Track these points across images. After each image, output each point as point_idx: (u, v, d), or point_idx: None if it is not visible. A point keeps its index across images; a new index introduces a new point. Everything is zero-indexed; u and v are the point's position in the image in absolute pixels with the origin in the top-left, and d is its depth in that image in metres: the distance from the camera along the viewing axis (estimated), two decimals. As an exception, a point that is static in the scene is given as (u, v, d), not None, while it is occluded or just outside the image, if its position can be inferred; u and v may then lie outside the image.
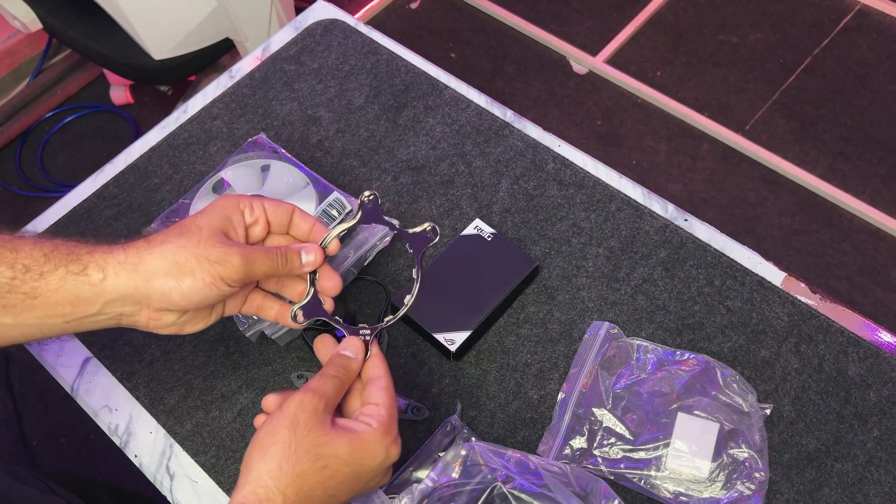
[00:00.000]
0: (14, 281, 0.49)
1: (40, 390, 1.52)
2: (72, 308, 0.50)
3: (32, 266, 0.50)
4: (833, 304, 0.73)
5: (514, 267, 0.73)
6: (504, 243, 0.74)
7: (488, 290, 0.72)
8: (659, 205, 0.79)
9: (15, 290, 0.49)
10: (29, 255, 0.50)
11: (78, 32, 1.54)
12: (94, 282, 0.50)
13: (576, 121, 1.92)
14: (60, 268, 0.50)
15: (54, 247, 0.51)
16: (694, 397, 0.66)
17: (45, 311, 0.50)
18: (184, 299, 0.51)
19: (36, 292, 0.49)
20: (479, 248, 0.74)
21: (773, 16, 2.05)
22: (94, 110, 2.02)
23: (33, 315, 0.50)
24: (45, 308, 0.50)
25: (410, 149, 0.85)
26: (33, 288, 0.49)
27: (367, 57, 0.92)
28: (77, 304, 0.50)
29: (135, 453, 0.69)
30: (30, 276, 0.49)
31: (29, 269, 0.49)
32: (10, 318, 0.49)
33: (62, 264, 0.50)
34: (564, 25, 2.08)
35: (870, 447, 0.65)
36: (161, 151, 0.86)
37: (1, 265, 0.49)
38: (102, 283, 0.50)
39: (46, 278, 0.50)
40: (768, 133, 1.85)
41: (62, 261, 0.50)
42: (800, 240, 1.71)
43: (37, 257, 0.50)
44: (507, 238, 0.76)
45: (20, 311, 0.49)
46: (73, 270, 0.50)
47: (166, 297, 0.51)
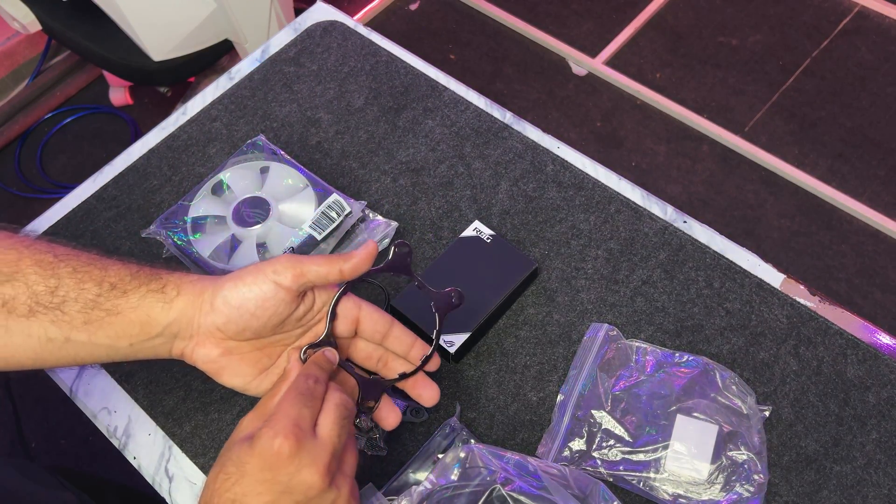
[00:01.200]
0: (99, 298, 0.50)
1: (39, 392, 1.52)
2: (140, 328, 0.51)
3: (118, 284, 0.51)
4: (832, 306, 0.73)
5: (514, 268, 0.73)
6: (503, 245, 0.74)
7: (488, 292, 0.71)
8: (658, 207, 0.79)
9: (99, 306, 0.50)
10: (117, 273, 0.51)
11: (77, 34, 1.54)
12: (167, 299, 0.52)
13: (575, 122, 1.92)
14: (143, 286, 0.52)
15: (139, 267, 0.53)
16: (693, 399, 0.66)
17: (117, 331, 0.51)
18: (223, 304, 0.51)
19: (117, 309, 0.50)
20: (478, 250, 0.74)
21: (773, 18, 2.06)
22: (94, 111, 2.02)
23: (106, 334, 0.50)
24: (120, 327, 0.50)
25: (410, 150, 0.85)
26: (115, 305, 0.50)
27: (366, 59, 0.92)
28: (147, 323, 0.51)
29: (133, 455, 0.69)
30: (114, 294, 0.51)
31: (115, 287, 0.51)
32: (85, 335, 0.50)
33: (145, 283, 0.52)
34: (564, 27, 2.08)
35: (869, 449, 0.65)
36: (160, 153, 0.86)
37: (89, 282, 0.50)
38: (173, 301, 0.52)
39: (129, 296, 0.51)
40: (768, 135, 1.86)
41: (145, 279, 0.52)
42: (799, 241, 1.71)
43: (123, 276, 0.52)
44: (507, 240, 0.76)
45: (97, 328, 0.50)
46: (153, 288, 0.52)
47: (210, 305, 0.52)
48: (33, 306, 0.49)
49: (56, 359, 0.51)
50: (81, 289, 0.50)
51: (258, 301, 0.52)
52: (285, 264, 0.52)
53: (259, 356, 0.55)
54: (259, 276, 0.52)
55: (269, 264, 0.52)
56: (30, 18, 1.54)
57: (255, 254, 0.74)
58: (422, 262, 0.77)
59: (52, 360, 0.51)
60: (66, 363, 0.52)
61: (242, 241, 0.75)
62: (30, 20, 1.54)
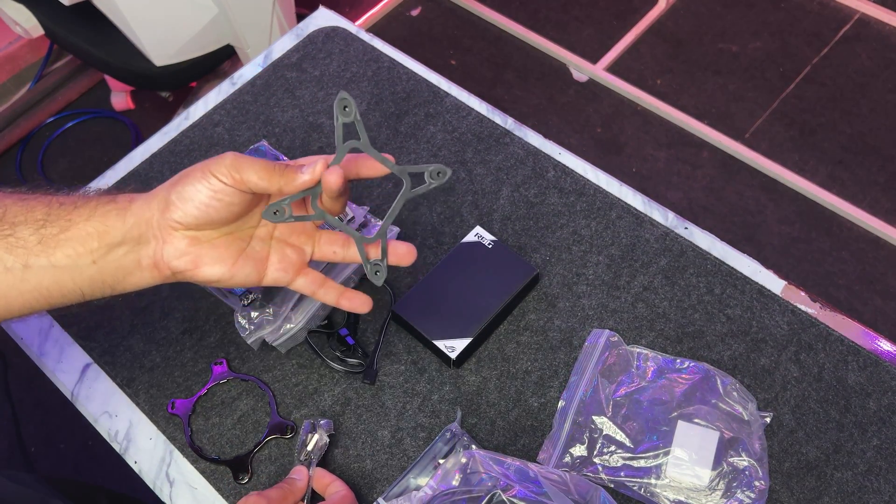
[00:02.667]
0: (49, 216, 0.49)
1: (38, 396, 1.52)
2: (99, 240, 0.50)
3: (66, 202, 0.50)
4: (833, 312, 0.73)
5: (515, 274, 0.73)
6: (504, 251, 0.74)
7: (488, 298, 0.72)
8: (659, 213, 0.80)
9: (50, 223, 0.49)
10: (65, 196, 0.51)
11: (79, 38, 1.54)
12: (120, 206, 0.51)
13: (576, 128, 1.92)
14: (93, 200, 0.51)
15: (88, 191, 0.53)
16: (694, 405, 0.66)
17: (76, 248, 0.50)
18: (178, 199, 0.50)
19: (69, 223, 0.50)
20: (479, 256, 0.74)
21: (773, 24, 2.06)
22: (95, 116, 2.02)
23: (65, 253, 0.49)
24: (77, 242, 0.50)
25: (411, 156, 0.85)
26: (67, 220, 0.50)
27: (368, 64, 0.92)
28: (105, 233, 0.50)
29: (134, 459, 0.69)
30: (64, 210, 0.50)
31: (63, 204, 0.50)
32: (44, 258, 0.49)
33: (94, 198, 0.51)
34: (565, 33, 2.09)
35: (869, 456, 0.65)
36: (162, 158, 0.86)
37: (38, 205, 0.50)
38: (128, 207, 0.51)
39: (80, 209, 0.50)
40: (768, 141, 1.86)
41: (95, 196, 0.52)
42: (799, 248, 1.71)
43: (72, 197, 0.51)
44: (508, 245, 0.76)
45: (53, 247, 0.49)
46: (104, 200, 0.51)
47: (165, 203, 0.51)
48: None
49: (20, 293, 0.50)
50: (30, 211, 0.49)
51: (209, 195, 0.50)
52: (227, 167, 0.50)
53: (230, 240, 0.54)
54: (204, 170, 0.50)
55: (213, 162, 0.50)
56: (32, 23, 1.55)
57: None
58: (423, 267, 0.77)
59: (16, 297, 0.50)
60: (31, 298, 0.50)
61: (244, 246, 0.75)
62: (32, 24, 1.55)
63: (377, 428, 0.68)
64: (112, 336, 0.74)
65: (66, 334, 0.75)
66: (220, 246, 0.53)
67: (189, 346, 0.73)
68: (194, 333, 0.74)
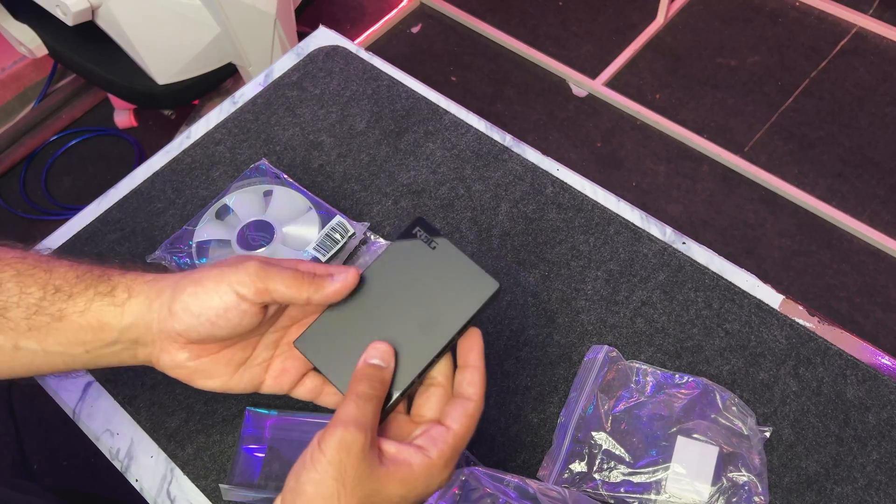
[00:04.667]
0: (43, 301, 0.47)
1: (42, 413, 1.52)
2: (93, 335, 0.48)
3: (63, 287, 0.48)
4: (831, 326, 0.73)
5: (467, 291, 0.50)
6: (454, 255, 0.51)
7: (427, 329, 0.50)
8: (657, 228, 0.80)
9: (42, 311, 0.47)
10: (62, 276, 0.48)
11: (83, 58, 1.56)
12: (118, 302, 0.48)
13: (576, 143, 1.93)
14: (90, 289, 0.48)
15: (88, 269, 0.49)
16: (693, 420, 0.67)
17: (68, 337, 0.48)
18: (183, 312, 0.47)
19: (62, 314, 0.47)
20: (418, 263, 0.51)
21: (771, 39, 2.08)
22: (99, 134, 2.04)
23: (57, 340, 0.48)
24: (69, 333, 0.48)
25: (411, 173, 0.86)
26: (60, 309, 0.47)
27: (368, 83, 0.93)
28: (99, 329, 0.48)
29: (136, 477, 0.69)
30: (58, 297, 0.47)
31: (59, 290, 0.47)
32: (35, 342, 0.47)
33: (92, 285, 0.48)
34: (564, 49, 2.10)
35: (869, 470, 0.66)
36: (164, 176, 0.87)
37: (33, 286, 0.47)
38: (125, 305, 0.48)
39: (75, 300, 0.47)
40: (767, 154, 1.87)
41: (93, 281, 0.48)
42: (800, 261, 1.71)
43: (69, 278, 0.48)
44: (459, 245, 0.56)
45: (45, 334, 0.47)
46: (101, 291, 0.48)
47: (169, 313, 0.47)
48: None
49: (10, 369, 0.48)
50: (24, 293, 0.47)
51: (219, 311, 0.47)
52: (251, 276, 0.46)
53: (233, 351, 0.50)
54: (221, 284, 0.46)
55: (233, 271, 0.47)
56: (36, 43, 1.56)
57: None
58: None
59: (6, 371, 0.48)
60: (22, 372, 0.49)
61: (245, 264, 0.76)
62: (36, 45, 1.56)
63: (378, 444, 0.69)
64: (114, 354, 0.74)
65: (69, 352, 0.75)
66: (221, 360, 0.50)
67: (190, 364, 0.73)
68: (196, 351, 0.74)
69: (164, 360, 0.49)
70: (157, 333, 0.48)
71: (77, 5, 1.35)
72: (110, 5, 1.38)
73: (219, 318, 0.47)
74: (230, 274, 0.47)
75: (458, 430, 0.46)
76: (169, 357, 0.49)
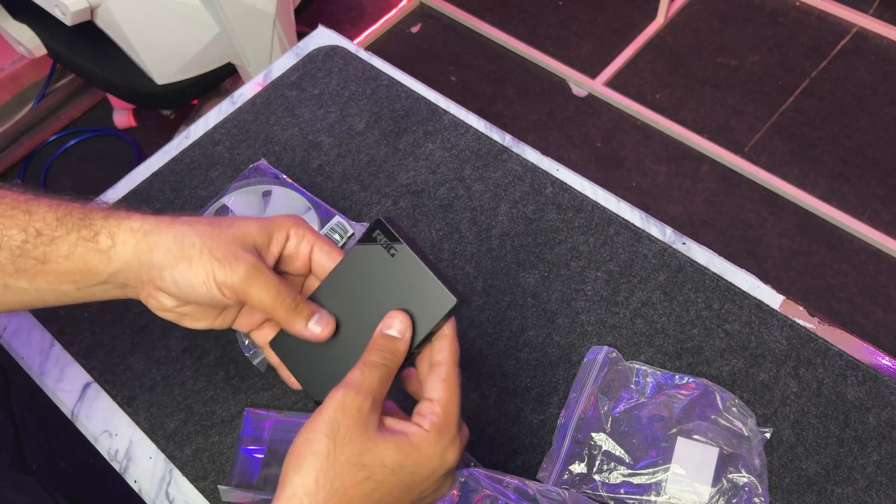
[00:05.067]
0: (26, 245, 0.48)
1: (41, 414, 1.52)
2: (81, 276, 0.49)
3: (44, 230, 0.48)
4: (831, 327, 0.73)
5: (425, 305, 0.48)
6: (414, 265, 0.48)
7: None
8: (657, 228, 0.80)
9: (26, 254, 0.48)
10: (42, 218, 0.48)
11: (82, 58, 1.56)
12: (102, 248, 0.48)
13: (576, 143, 1.93)
14: (72, 233, 0.48)
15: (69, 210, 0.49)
16: (693, 421, 0.66)
17: (56, 278, 0.48)
18: (172, 284, 0.48)
19: (46, 258, 0.48)
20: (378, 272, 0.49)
21: (771, 39, 2.07)
22: (97, 134, 2.04)
23: (45, 280, 0.48)
24: (56, 275, 0.48)
25: (410, 173, 0.85)
26: (44, 253, 0.48)
27: (367, 83, 0.93)
28: (86, 272, 0.48)
29: (134, 479, 0.69)
30: (41, 241, 0.48)
31: (40, 234, 0.48)
32: (24, 281, 0.48)
33: (74, 229, 0.48)
34: (564, 49, 2.10)
35: (870, 471, 0.65)
36: (163, 176, 0.87)
37: (13, 228, 0.48)
38: (110, 251, 0.48)
39: (57, 244, 0.48)
40: (767, 154, 1.86)
41: (74, 226, 0.48)
42: (800, 261, 1.71)
43: (49, 221, 0.48)
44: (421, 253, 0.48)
45: (32, 275, 0.48)
46: (84, 236, 0.48)
47: (159, 276, 0.48)
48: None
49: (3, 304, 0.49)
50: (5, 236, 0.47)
51: (202, 297, 0.48)
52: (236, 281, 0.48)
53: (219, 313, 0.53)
54: (210, 278, 0.48)
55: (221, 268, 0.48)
56: (35, 43, 1.56)
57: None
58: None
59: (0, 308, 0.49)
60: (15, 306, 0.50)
61: (244, 264, 0.76)
62: (35, 44, 1.56)
63: (377, 445, 0.68)
64: (112, 355, 0.74)
65: (67, 353, 0.75)
66: (205, 312, 0.52)
67: (189, 365, 0.73)
68: (194, 352, 0.74)
69: (152, 304, 0.51)
70: (144, 283, 0.49)
71: (76, 5, 1.35)
72: (109, 5, 1.38)
73: (201, 298, 0.49)
74: (219, 269, 0.48)
75: (440, 397, 0.46)
76: (156, 302, 0.50)
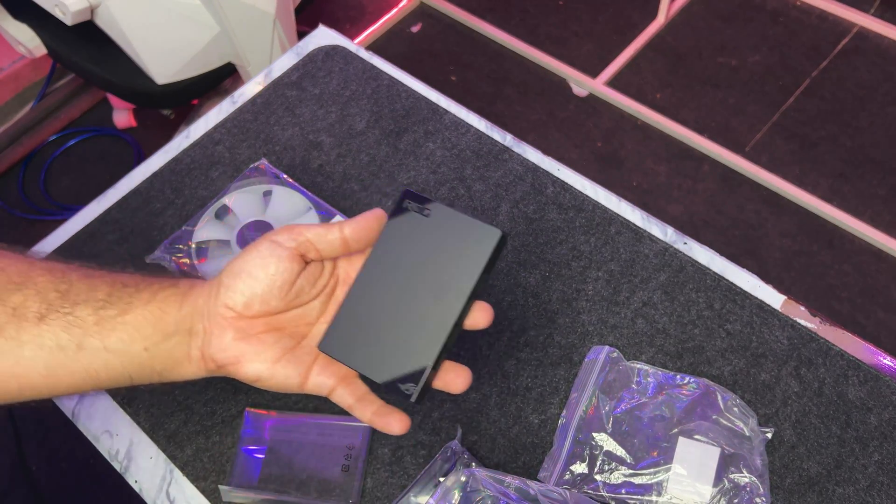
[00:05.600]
0: (111, 297, 0.49)
1: (41, 414, 1.52)
2: (153, 328, 0.49)
3: (129, 283, 0.50)
4: (833, 327, 0.73)
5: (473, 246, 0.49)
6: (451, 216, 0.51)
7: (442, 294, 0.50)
8: (658, 228, 0.80)
9: (110, 304, 0.49)
10: (129, 276, 0.51)
11: (82, 57, 1.56)
12: (180, 291, 0.51)
13: (576, 143, 1.93)
14: (155, 283, 0.51)
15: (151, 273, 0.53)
16: (694, 421, 0.66)
17: (131, 333, 0.49)
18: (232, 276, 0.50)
19: (130, 306, 0.49)
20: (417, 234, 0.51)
21: (772, 38, 2.07)
22: (97, 134, 2.04)
23: (119, 337, 0.49)
24: (132, 327, 0.49)
25: (411, 173, 0.85)
26: (128, 302, 0.49)
27: (367, 82, 0.93)
28: (161, 319, 0.49)
29: (135, 479, 0.69)
30: (126, 292, 0.50)
31: (126, 285, 0.50)
32: (98, 339, 0.48)
33: (157, 281, 0.51)
34: (564, 48, 2.10)
35: (871, 471, 0.65)
36: (163, 176, 0.87)
37: (101, 284, 0.50)
38: (187, 293, 0.50)
39: (141, 292, 0.50)
40: (768, 154, 1.86)
41: (158, 279, 0.51)
42: (801, 261, 1.71)
43: (136, 278, 0.51)
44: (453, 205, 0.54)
45: (110, 330, 0.48)
46: (165, 285, 0.51)
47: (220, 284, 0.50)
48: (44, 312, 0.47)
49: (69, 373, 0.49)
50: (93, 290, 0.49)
51: (258, 261, 0.50)
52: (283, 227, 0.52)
53: (278, 336, 0.52)
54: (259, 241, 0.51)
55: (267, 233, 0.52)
56: (35, 42, 1.56)
57: (257, 277, 0.74)
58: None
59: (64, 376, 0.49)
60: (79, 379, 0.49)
61: (244, 264, 0.76)
62: (35, 44, 1.56)
63: (377, 446, 0.68)
64: (113, 355, 0.74)
65: (67, 353, 0.75)
66: (267, 342, 0.51)
67: (189, 365, 0.73)
68: (195, 352, 0.74)
69: (213, 343, 0.50)
70: (207, 316, 0.50)
71: (76, 5, 1.35)
72: (109, 5, 1.38)
73: (256, 268, 0.49)
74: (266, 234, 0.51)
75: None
76: (217, 339, 0.50)
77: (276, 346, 0.51)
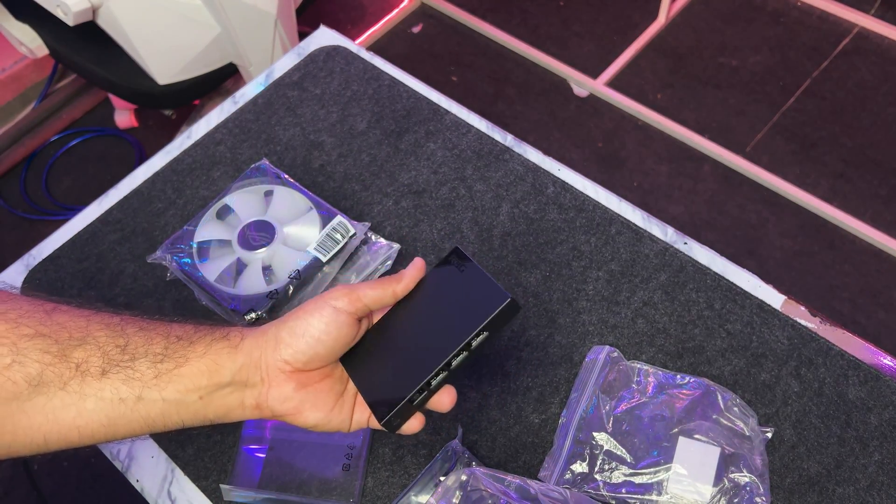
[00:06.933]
0: (167, 350, 0.51)
1: (43, 413, 1.52)
2: (208, 378, 0.52)
3: (183, 336, 0.52)
4: (833, 327, 0.73)
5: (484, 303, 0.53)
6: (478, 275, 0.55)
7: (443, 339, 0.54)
8: (658, 228, 0.80)
9: (167, 358, 0.51)
10: (181, 328, 0.53)
11: (83, 58, 1.56)
12: (233, 344, 0.53)
13: (577, 143, 1.93)
14: (208, 335, 0.53)
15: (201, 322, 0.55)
16: (695, 421, 0.66)
17: (185, 384, 0.51)
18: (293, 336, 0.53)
19: (185, 359, 0.51)
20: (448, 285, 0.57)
21: (772, 39, 2.07)
22: (99, 134, 2.04)
23: (176, 388, 0.51)
24: (188, 378, 0.51)
25: (412, 173, 0.85)
26: (183, 355, 0.51)
27: (368, 83, 0.93)
28: (215, 371, 0.52)
29: (136, 478, 0.69)
30: (181, 345, 0.52)
31: (181, 339, 0.52)
32: (156, 391, 0.51)
33: (209, 333, 0.53)
34: (565, 48, 2.10)
35: (871, 471, 0.65)
36: (165, 176, 0.87)
37: (157, 337, 0.52)
38: (239, 346, 0.53)
39: (195, 345, 0.52)
40: (769, 155, 1.86)
41: (209, 330, 0.54)
42: (801, 261, 1.71)
43: (187, 329, 0.53)
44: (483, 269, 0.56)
45: (167, 382, 0.51)
46: (218, 336, 0.53)
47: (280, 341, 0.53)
48: (106, 367, 0.50)
49: (128, 422, 0.51)
50: (150, 344, 0.51)
51: (321, 326, 0.53)
52: (342, 291, 0.54)
53: (331, 383, 0.56)
54: (319, 303, 0.54)
55: (326, 294, 0.55)
56: (37, 43, 1.56)
57: (261, 277, 0.75)
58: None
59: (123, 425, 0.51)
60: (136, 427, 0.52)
61: (248, 265, 0.76)
62: (37, 45, 1.56)
63: (378, 445, 0.69)
64: (114, 354, 0.74)
65: (69, 353, 0.75)
66: (323, 391, 0.55)
67: (191, 364, 0.73)
68: (196, 351, 0.74)
69: (273, 396, 0.53)
70: (266, 369, 0.53)
71: (78, 5, 1.35)
72: (111, 5, 1.38)
73: (321, 333, 0.53)
74: (325, 295, 0.54)
75: None
76: (277, 391, 0.53)
77: (330, 394, 0.55)
